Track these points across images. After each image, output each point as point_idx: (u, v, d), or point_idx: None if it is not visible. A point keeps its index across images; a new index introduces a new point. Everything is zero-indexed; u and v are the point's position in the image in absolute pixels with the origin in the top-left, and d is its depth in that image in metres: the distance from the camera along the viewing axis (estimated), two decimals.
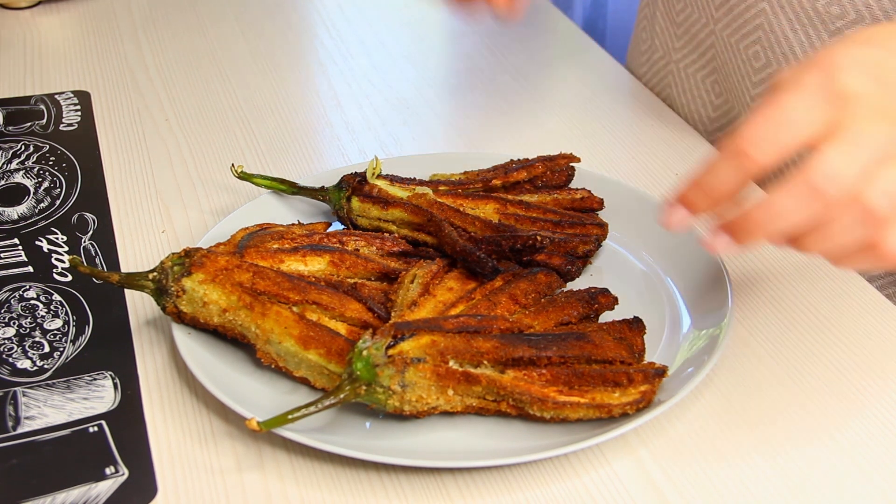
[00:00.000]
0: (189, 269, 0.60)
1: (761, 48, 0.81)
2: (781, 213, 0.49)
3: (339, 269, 0.64)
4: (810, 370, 0.62)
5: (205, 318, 0.60)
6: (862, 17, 0.73)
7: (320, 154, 0.87)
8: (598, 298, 0.62)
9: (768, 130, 0.49)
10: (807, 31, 0.77)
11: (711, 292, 0.65)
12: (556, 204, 0.72)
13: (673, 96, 0.95)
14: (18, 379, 0.61)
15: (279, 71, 1.00)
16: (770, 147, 0.49)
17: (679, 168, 0.83)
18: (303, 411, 0.53)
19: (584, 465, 0.55)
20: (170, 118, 0.91)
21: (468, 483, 0.55)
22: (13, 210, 0.78)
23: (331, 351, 0.56)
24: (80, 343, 0.64)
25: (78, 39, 1.06)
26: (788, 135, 0.49)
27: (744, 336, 0.64)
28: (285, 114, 0.93)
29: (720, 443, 0.57)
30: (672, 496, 0.54)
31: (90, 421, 0.58)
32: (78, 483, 0.54)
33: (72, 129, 0.90)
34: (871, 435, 0.57)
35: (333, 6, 1.16)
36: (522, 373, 0.55)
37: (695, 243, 0.68)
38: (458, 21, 1.12)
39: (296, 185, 0.74)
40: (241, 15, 1.12)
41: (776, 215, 0.50)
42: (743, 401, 0.60)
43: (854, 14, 0.74)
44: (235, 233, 0.67)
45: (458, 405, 0.56)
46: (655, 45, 0.97)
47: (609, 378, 0.55)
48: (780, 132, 0.49)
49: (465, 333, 0.55)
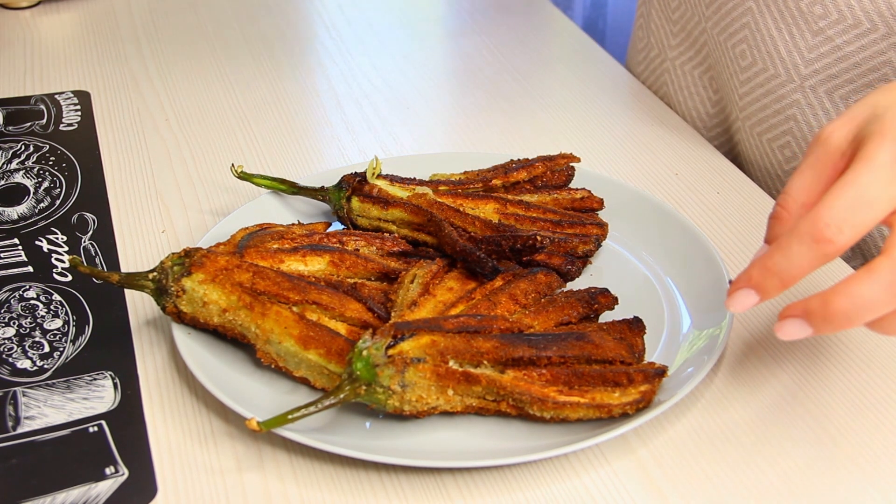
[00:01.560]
0: (189, 269, 0.60)
1: (747, 47, 0.81)
2: (869, 306, 0.48)
3: (339, 269, 0.64)
4: (810, 370, 0.62)
5: (205, 318, 0.60)
6: (844, 17, 0.74)
7: (320, 154, 0.87)
8: (598, 298, 0.62)
9: (847, 212, 0.48)
10: (790, 30, 0.77)
11: (711, 292, 0.65)
12: (556, 204, 0.72)
13: (670, 94, 0.95)
14: (18, 379, 0.61)
15: (279, 71, 1.01)
16: (849, 230, 0.48)
17: (679, 168, 0.83)
18: (303, 411, 0.53)
19: (584, 465, 0.55)
20: (170, 118, 0.91)
21: (468, 483, 0.55)
22: (13, 210, 0.78)
23: (331, 351, 0.56)
24: (80, 343, 0.64)
25: (78, 39, 1.06)
26: (868, 216, 0.48)
27: (744, 336, 0.64)
28: (285, 114, 0.93)
29: (720, 443, 0.57)
30: (672, 496, 0.54)
31: (90, 421, 0.58)
32: (78, 483, 0.54)
33: (72, 129, 0.90)
34: (871, 435, 0.57)
35: (333, 6, 1.16)
36: (522, 373, 0.55)
37: (695, 243, 0.68)
38: (457, 20, 1.12)
39: (296, 185, 0.74)
40: (241, 15, 1.12)
41: (863, 308, 0.48)
42: (743, 401, 0.60)
43: (836, 14, 0.74)
44: (235, 233, 0.67)
45: (458, 405, 0.56)
46: (651, 42, 0.97)
47: (609, 378, 0.55)
48: (858, 213, 0.48)
49: (465, 333, 0.55)
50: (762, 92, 0.82)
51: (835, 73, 0.76)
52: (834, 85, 0.76)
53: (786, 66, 0.79)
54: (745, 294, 0.51)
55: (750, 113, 0.84)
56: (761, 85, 0.82)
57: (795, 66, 0.78)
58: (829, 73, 0.76)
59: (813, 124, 0.79)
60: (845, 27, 0.74)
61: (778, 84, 0.80)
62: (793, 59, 0.78)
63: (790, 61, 0.78)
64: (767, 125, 0.82)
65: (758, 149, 0.85)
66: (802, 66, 0.77)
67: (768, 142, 0.83)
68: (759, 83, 0.82)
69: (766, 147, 0.83)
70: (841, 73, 0.76)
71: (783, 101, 0.80)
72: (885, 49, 0.73)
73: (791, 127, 0.80)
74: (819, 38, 0.76)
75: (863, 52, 0.74)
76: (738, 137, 0.88)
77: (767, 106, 0.82)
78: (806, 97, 0.78)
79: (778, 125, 0.81)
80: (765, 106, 0.82)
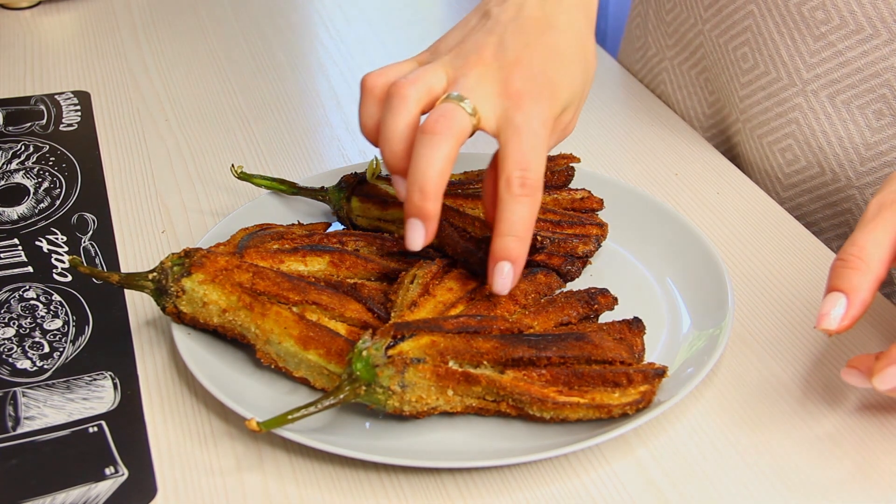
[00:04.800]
0: (189, 269, 0.60)
1: (749, 50, 0.81)
2: None
3: (339, 270, 0.64)
4: (810, 370, 0.62)
5: (205, 318, 0.60)
6: (846, 22, 0.74)
7: (320, 154, 0.87)
8: (598, 298, 0.62)
9: None
10: (792, 34, 0.77)
11: (711, 292, 0.65)
12: (555, 204, 0.72)
13: (668, 93, 0.95)
14: (18, 379, 0.61)
15: (279, 71, 1.01)
16: None
17: (679, 168, 0.83)
18: (303, 411, 0.53)
19: (584, 465, 0.55)
20: (170, 118, 0.91)
21: (468, 483, 0.55)
22: (13, 210, 0.78)
23: (330, 351, 0.56)
24: (79, 343, 0.64)
25: (78, 39, 1.06)
26: None
27: (744, 336, 0.64)
28: (285, 114, 0.93)
29: (720, 443, 0.57)
30: (672, 496, 0.54)
31: (90, 421, 0.58)
32: (78, 483, 0.54)
33: (72, 129, 0.90)
34: (871, 435, 0.57)
35: (333, 6, 1.16)
36: (522, 373, 0.55)
37: (695, 243, 0.68)
38: (457, 20, 1.12)
39: (296, 186, 0.74)
40: (241, 15, 1.12)
41: None
42: (743, 401, 0.60)
43: (838, 20, 0.74)
44: (235, 233, 0.67)
45: (458, 405, 0.56)
46: (649, 42, 0.97)
47: (609, 378, 0.55)
48: None
49: (464, 334, 0.55)
50: (763, 95, 0.82)
51: (837, 78, 0.76)
52: (836, 90, 0.76)
53: (787, 70, 0.79)
54: (854, 376, 0.55)
55: (751, 115, 0.84)
56: (763, 88, 0.82)
57: (797, 69, 0.78)
58: (830, 77, 0.76)
59: (815, 128, 0.79)
60: (847, 32, 0.74)
61: (780, 87, 0.80)
62: (794, 63, 0.78)
63: (792, 65, 0.78)
64: (768, 128, 0.82)
65: (758, 151, 0.85)
66: (804, 71, 0.77)
67: (769, 144, 0.83)
68: (760, 86, 0.82)
69: (766, 150, 0.83)
70: (843, 78, 0.76)
71: (785, 105, 0.80)
72: (887, 55, 0.73)
73: (793, 130, 0.80)
74: (821, 44, 0.76)
75: (865, 57, 0.74)
76: (738, 139, 0.88)
77: (769, 109, 0.82)
78: (808, 101, 0.78)
79: (779, 128, 0.81)
80: (766, 109, 0.82)
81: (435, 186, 0.56)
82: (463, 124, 0.56)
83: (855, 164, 0.78)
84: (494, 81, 0.58)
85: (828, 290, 0.54)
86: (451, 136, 0.56)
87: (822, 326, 0.53)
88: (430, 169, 0.55)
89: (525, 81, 0.58)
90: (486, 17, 0.62)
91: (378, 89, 0.60)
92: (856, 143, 0.77)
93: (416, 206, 0.56)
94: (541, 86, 0.58)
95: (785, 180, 0.83)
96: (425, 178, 0.56)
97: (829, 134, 0.78)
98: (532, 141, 0.57)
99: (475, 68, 0.59)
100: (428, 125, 0.56)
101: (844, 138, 0.77)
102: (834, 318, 0.53)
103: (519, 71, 0.58)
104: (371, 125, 0.61)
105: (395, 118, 0.58)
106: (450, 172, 0.56)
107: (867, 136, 0.76)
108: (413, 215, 0.57)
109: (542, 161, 0.57)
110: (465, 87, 0.58)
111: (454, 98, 0.57)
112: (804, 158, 0.81)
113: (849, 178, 0.79)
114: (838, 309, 0.53)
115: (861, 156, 0.77)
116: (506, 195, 0.56)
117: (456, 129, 0.56)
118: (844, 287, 0.53)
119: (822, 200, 0.82)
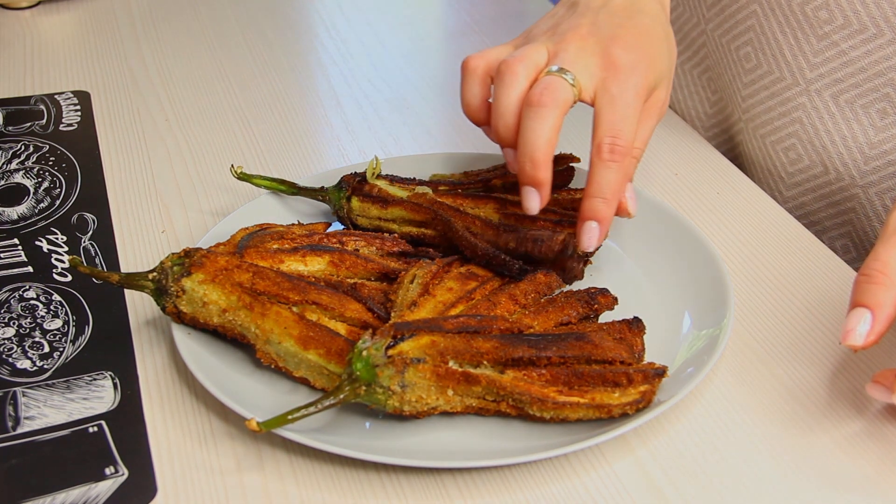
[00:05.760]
0: (189, 269, 0.60)
1: (752, 49, 0.81)
2: None
3: (339, 270, 0.64)
4: (810, 370, 0.62)
5: (204, 318, 0.60)
6: (849, 22, 0.74)
7: (320, 154, 0.87)
8: (598, 298, 0.62)
9: None
10: (795, 34, 0.77)
11: (711, 292, 0.65)
12: (555, 204, 0.72)
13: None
14: (18, 379, 0.61)
15: (279, 71, 1.00)
16: None
17: (679, 168, 0.83)
18: (303, 411, 0.53)
19: (584, 465, 0.55)
20: (170, 118, 0.91)
21: (468, 483, 0.55)
22: (13, 210, 0.78)
23: (330, 351, 0.56)
24: (79, 343, 0.64)
25: (78, 39, 1.06)
26: None
27: (744, 336, 0.64)
28: (285, 114, 0.93)
29: (720, 443, 0.57)
30: (672, 496, 0.54)
31: (90, 421, 0.58)
32: (78, 483, 0.54)
33: (72, 129, 0.90)
34: (871, 434, 0.57)
35: (333, 6, 1.16)
36: (522, 373, 0.55)
37: (695, 244, 0.68)
38: (457, 20, 1.12)
39: (295, 186, 0.74)
40: (240, 15, 1.12)
41: None
42: (743, 401, 0.60)
43: (842, 19, 0.74)
44: (235, 233, 0.67)
45: (458, 405, 0.56)
46: None
47: (609, 378, 0.55)
48: None
49: (464, 334, 0.55)
50: (767, 94, 0.82)
51: (840, 78, 0.76)
52: (839, 89, 0.76)
53: (791, 70, 0.79)
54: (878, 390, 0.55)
55: (753, 115, 0.84)
56: (766, 87, 0.82)
57: (801, 69, 0.78)
58: (834, 77, 0.76)
59: (818, 128, 0.79)
60: (850, 32, 0.74)
61: (783, 87, 0.80)
62: (798, 63, 0.78)
63: (795, 65, 0.78)
64: (772, 127, 0.82)
65: (761, 151, 0.85)
66: (808, 70, 0.77)
67: (772, 144, 0.83)
68: (763, 86, 0.82)
69: (769, 149, 0.83)
70: (846, 78, 0.76)
71: (788, 105, 0.80)
72: (890, 54, 0.73)
73: (796, 129, 0.80)
74: (824, 43, 0.76)
75: (868, 57, 0.74)
76: (740, 139, 0.88)
77: (772, 108, 0.82)
78: (811, 101, 0.78)
79: (783, 128, 0.81)
80: (769, 108, 0.82)
81: (545, 155, 0.59)
82: (566, 95, 0.60)
83: (859, 164, 0.78)
84: (593, 54, 0.62)
85: (852, 305, 0.54)
86: (555, 107, 0.59)
87: (848, 342, 0.53)
88: (539, 139, 0.59)
89: (622, 53, 0.61)
90: (574, 6, 0.66)
91: (481, 69, 0.64)
92: (859, 142, 0.77)
93: (528, 175, 0.60)
94: (637, 59, 0.62)
95: (788, 179, 0.83)
96: (535, 147, 0.59)
97: (833, 133, 0.78)
98: (624, 110, 0.60)
99: (574, 42, 0.62)
100: (534, 98, 0.59)
101: (848, 137, 0.77)
102: (860, 335, 0.53)
103: (616, 44, 0.62)
104: (476, 104, 0.64)
105: (508, 93, 0.61)
106: (556, 142, 0.60)
107: (871, 136, 0.76)
108: (526, 183, 0.61)
109: (633, 129, 0.60)
110: (565, 61, 0.61)
111: (556, 72, 0.60)
112: (807, 158, 0.81)
113: (852, 177, 0.79)
114: (864, 325, 0.53)
115: (865, 155, 0.77)
116: (596, 160, 0.60)
117: (560, 101, 0.59)
118: (870, 303, 0.53)
119: (825, 200, 0.82)
